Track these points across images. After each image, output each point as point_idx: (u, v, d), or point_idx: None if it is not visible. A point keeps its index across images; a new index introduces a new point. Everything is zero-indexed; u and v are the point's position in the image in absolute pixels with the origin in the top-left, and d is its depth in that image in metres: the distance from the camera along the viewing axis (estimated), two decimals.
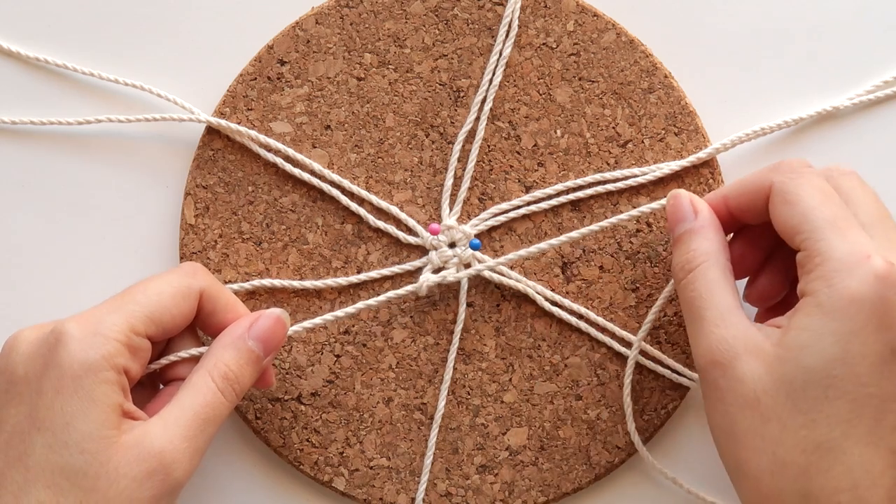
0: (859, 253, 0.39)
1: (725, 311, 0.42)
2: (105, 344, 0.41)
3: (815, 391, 0.39)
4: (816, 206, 0.41)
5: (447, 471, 0.49)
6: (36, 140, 0.52)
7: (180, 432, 0.41)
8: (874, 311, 0.39)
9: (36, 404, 0.40)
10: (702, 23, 0.52)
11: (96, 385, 0.40)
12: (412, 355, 0.50)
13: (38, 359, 0.41)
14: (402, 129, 0.50)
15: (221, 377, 0.43)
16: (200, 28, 0.52)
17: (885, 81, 0.51)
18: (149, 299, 0.42)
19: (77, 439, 0.39)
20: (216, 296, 0.45)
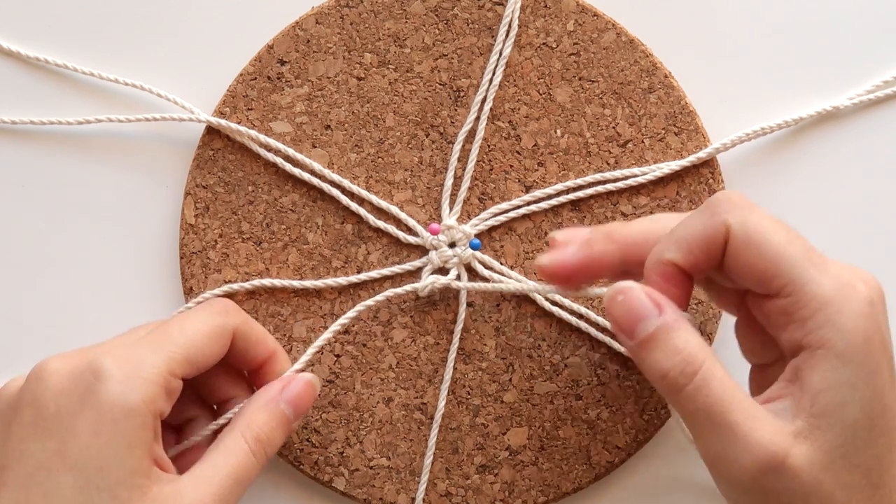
0: (850, 284, 0.37)
1: (753, 408, 0.37)
2: (145, 387, 0.40)
3: (863, 440, 0.36)
4: (789, 244, 0.38)
5: (447, 471, 0.49)
6: (36, 140, 0.52)
7: (212, 492, 0.40)
8: (879, 341, 0.37)
9: (68, 442, 0.39)
10: (702, 23, 0.52)
11: (135, 430, 0.39)
12: (412, 355, 0.50)
13: (72, 395, 0.39)
14: (402, 128, 0.50)
15: (254, 439, 0.43)
16: (200, 28, 0.52)
17: (885, 81, 0.51)
18: (186, 339, 0.42)
19: (110, 484, 0.38)
20: (248, 333, 0.45)
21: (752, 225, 0.38)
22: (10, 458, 0.39)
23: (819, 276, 0.37)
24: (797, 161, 0.51)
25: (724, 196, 0.39)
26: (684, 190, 0.50)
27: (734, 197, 0.39)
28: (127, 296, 0.51)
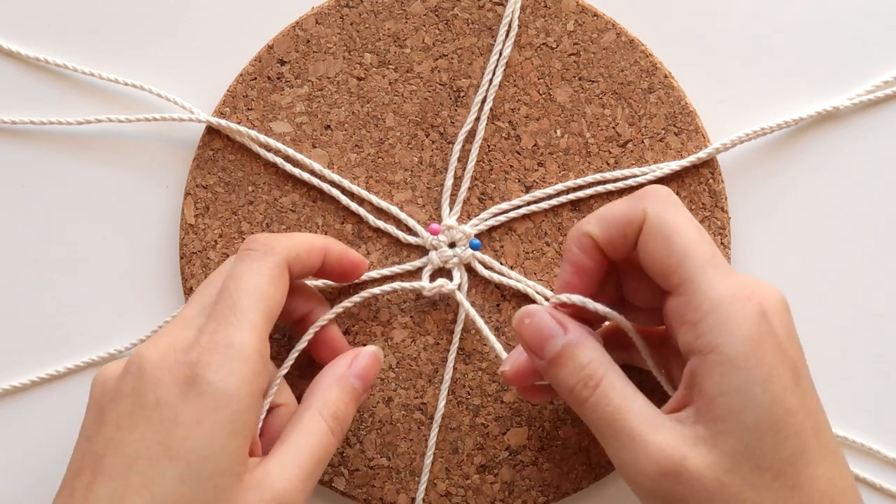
0: (743, 294, 0.38)
1: (651, 416, 0.39)
2: (244, 368, 0.40)
3: (769, 443, 0.37)
4: (695, 245, 0.39)
5: (447, 471, 0.49)
6: (36, 140, 0.52)
7: (298, 474, 0.41)
8: (771, 350, 0.38)
9: (170, 433, 0.39)
10: (702, 23, 0.52)
11: (238, 415, 0.39)
12: (412, 355, 0.50)
13: (172, 386, 0.39)
14: (403, 128, 0.50)
15: (332, 417, 0.43)
16: (200, 28, 0.52)
17: (885, 81, 0.51)
18: (255, 300, 0.41)
19: (211, 474, 0.39)
20: (297, 253, 0.44)
21: (667, 218, 0.39)
22: (107, 447, 0.39)
23: (715, 280, 0.38)
24: (797, 161, 0.51)
25: (654, 188, 0.41)
26: (684, 190, 0.50)
27: (662, 191, 0.40)
28: (127, 296, 0.51)
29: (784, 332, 0.38)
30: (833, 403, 0.51)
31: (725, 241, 0.50)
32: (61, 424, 0.51)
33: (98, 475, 0.39)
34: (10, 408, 0.51)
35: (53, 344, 0.51)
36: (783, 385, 0.37)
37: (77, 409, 0.51)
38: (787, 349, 0.38)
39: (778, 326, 0.38)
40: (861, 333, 0.51)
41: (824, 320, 0.51)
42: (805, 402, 0.38)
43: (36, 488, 0.51)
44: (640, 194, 0.41)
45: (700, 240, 0.39)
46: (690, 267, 0.39)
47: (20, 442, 0.51)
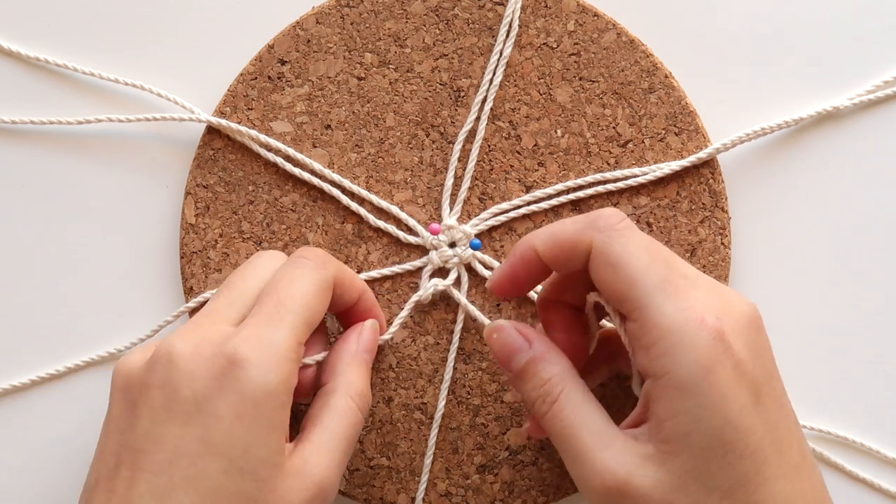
0: (694, 318, 0.38)
1: (605, 433, 0.40)
2: (282, 366, 0.40)
3: (718, 464, 0.38)
4: (645, 270, 0.39)
5: (447, 471, 0.49)
6: (36, 140, 0.52)
7: (335, 458, 0.42)
8: (725, 374, 0.38)
9: (210, 428, 0.39)
10: (702, 23, 0.52)
11: (275, 410, 0.39)
12: (412, 355, 0.50)
13: (209, 380, 0.39)
14: (403, 128, 0.50)
15: (359, 396, 0.44)
16: (200, 28, 0.52)
17: (885, 81, 0.51)
18: (301, 305, 0.42)
19: (253, 466, 0.39)
20: (342, 278, 0.45)
21: (613, 247, 0.39)
22: (146, 442, 0.39)
23: (665, 305, 0.38)
24: (797, 161, 0.51)
25: (604, 214, 0.41)
26: (684, 190, 0.50)
27: (612, 218, 0.40)
28: (127, 296, 0.51)
29: (746, 349, 0.38)
30: (833, 403, 0.51)
31: (725, 241, 0.50)
32: (61, 424, 0.51)
33: (138, 471, 0.39)
34: (11, 407, 0.51)
35: (53, 344, 0.51)
36: (739, 406, 0.38)
37: (77, 409, 0.51)
38: (747, 369, 0.38)
39: (738, 346, 0.38)
40: (861, 333, 0.51)
41: (824, 320, 0.51)
42: (766, 419, 0.38)
43: (36, 488, 0.51)
44: (591, 219, 0.41)
45: (650, 264, 0.39)
46: (639, 294, 0.39)
47: (20, 441, 0.51)
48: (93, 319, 0.51)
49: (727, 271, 0.50)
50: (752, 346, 0.39)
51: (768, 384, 0.39)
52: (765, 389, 0.38)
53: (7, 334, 0.51)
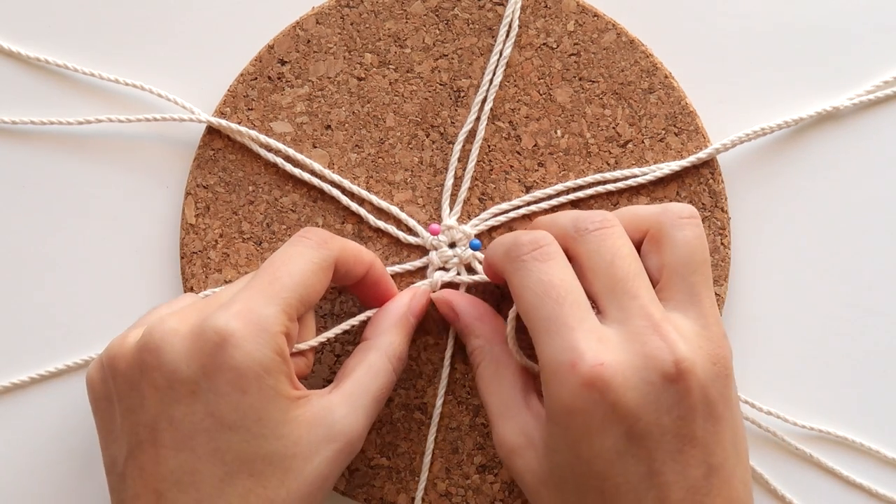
0: (567, 361, 0.39)
1: (504, 407, 0.43)
2: (273, 340, 0.40)
3: (573, 485, 0.40)
4: (534, 307, 0.41)
5: (447, 471, 0.49)
6: (36, 140, 0.52)
7: (363, 413, 0.43)
8: (590, 418, 0.39)
9: (217, 404, 0.40)
10: (702, 23, 0.52)
11: (276, 379, 0.40)
12: (412, 355, 0.50)
13: (203, 358, 0.40)
14: (403, 129, 0.50)
15: (397, 359, 0.45)
16: (200, 28, 0.52)
17: (885, 81, 0.51)
18: (296, 282, 0.42)
19: (272, 429, 0.40)
20: (346, 256, 0.45)
21: (513, 279, 0.42)
22: (159, 421, 0.40)
23: (545, 343, 0.40)
24: (797, 161, 0.51)
25: (523, 240, 0.42)
26: (684, 190, 0.50)
27: (525, 246, 0.42)
28: (127, 296, 0.51)
29: (636, 400, 0.39)
30: (833, 403, 0.51)
31: (725, 241, 0.50)
32: (59, 421, 0.51)
33: (161, 448, 0.40)
34: (10, 406, 0.51)
35: (53, 344, 0.51)
36: (593, 452, 0.39)
37: (76, 407, 0.51)
38: (623, 415, 0.38)
39: (612, 396, 0.38)
40: (861, 333, 0.51)
41: (824, 320, 0.51)
42: (651, 468, 0.39)
43: (35, 485, 0.51)
44: (509, 244, 0.42)
45: (537, 304, 0.41)
46: (531, 329, 0.41)
47: (18, 439, 0.51)
48: (93, 319, 0.51)
49: (727, 271, 0.50)
50: (648, 400, 0.39)
51: (667, 436, 0.39)
52: (654, 440, 0.39)
53: (7, 334, 0.51)
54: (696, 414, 0.39)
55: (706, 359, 0.40)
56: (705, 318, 0.41)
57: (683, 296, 0.41)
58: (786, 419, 0.50)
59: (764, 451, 0.51)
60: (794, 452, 0.51)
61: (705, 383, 0.39)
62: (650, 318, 0.40)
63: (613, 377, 0.38)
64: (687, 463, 0.39)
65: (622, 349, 0.39)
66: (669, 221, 0.42)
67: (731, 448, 0.40)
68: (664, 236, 0.42)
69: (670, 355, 0.39)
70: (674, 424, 0.39)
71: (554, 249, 0.42)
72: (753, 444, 0.51)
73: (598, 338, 0.39)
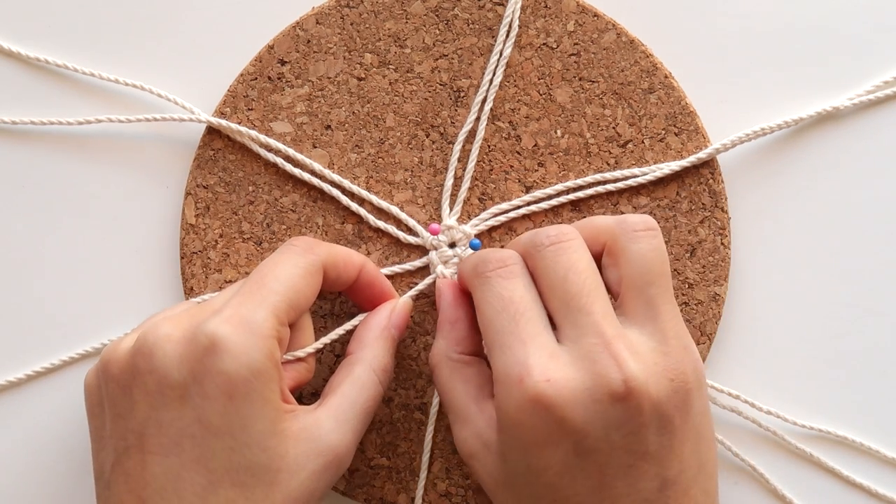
0: (516, 374, 0.39)
1: (460, 411, 0.43)
2: (263, 344, 0.40)
3: (527, 491, 0.40)
4: (490, 320, 0.41)
5: (447, 471, 0.49)
6: (36, 140, 0.52)
7: (351, 427, 0.43)
8: (537, 433, 0.39)
9: (205, 410, 0.40)
10: (702, 23, 0.52)
11: (265, 385, 0.40)
12: (412, 355, 0.50)
13: (194, 363, 0.40)
14: (403, 129, 0.50)
15: (382, 371, 0.45)
16: (200, 28, 0.52)
17: (885, 81, 0.51)
18: (285, 287, 0.42)
19: (257, 439, 0.40)
20: (335, 261, 0.45)
21: (475, 293, 0.43)
22: (148, 426, 0.40)
23: (498, 356, 0.40)
24: (797, 161, 0.51)
25: (489, 257, 0.42)
26: (684, 190, 0.50)
27: (491, 263, 0.42)
28: (127, 296, 0.51)
29: (585, 418, 0.39)
30: (833, 403, 0.51)
31: (725, 241, 0.50)
32: (57, 418, 0.51)
33: (148, 454, 0.40)
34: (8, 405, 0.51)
35: (53, 344, 0.51)
36: (542, 464, 0.39)
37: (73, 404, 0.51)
38: (569, 431, 0.39)
39: (558, 412, 0.39)
40: (861, 333, 0.51)
41: (824, 320, 0.51)
42: (601, 482, 0.39)
43: (34, 483, 0.51)
44: (475, 261, 0.43)
45: (496, 316, 0.41)
46: (487, 342, 0.41)
47: (17, 436, 0.51)
48: (93, 319, 0.51)
49: (727, 271, 0.50)
50: (596, 418, 0.39)
51: (617, 451, 0.39)
52: (603, 455, 0.39)
53: (6, 334, 0.51)
54: (647, 430, 0.39)
55: (661, 375, 0.39)
56: (663, 332, 0.41)
57: (641, 310, 0.41)
58: (786, 419, 0.50)
59: (764, 451, 0.51)
60: (794, 452, 0.51)
61: (658, 399, 0.39)
62: (602, 336, 0.40)
63: (559, 394, 0.39)
64: (639, 477, 0.39)
65: (572, 366, 0.39)
66: (625, 234, 0.42)
67: (692, 459, 0.40)
68: (620, 249, 0.42)
69: (619, 374, 0.39)
70: (624, 440, 0.39)
71: (518, 268, 0.42)
72: (753, 444, 0.51)
73: (550, 354, 0.40)
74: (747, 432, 0.51)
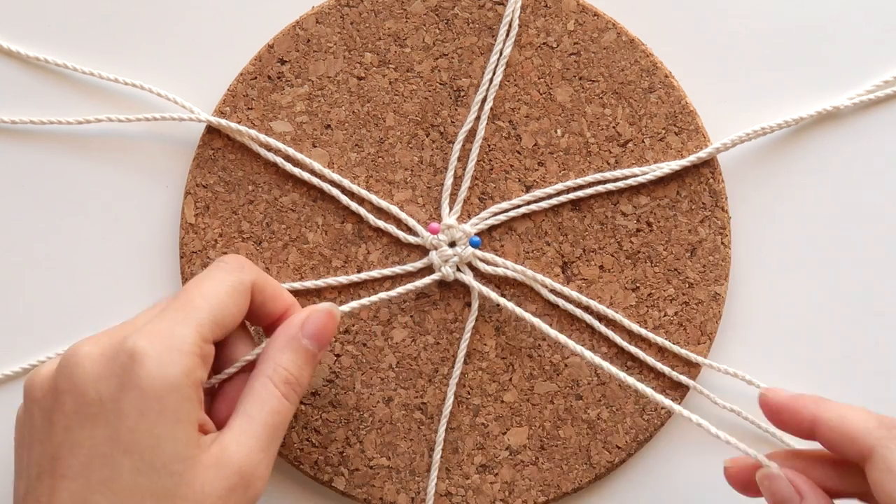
0: None
1: None
2: (182, 360, 0.39)
3: None
4: None
5: (447, 470, 0.49)
6: (36, 140, 0.52)
7: (255, 444, 0.41)
8: None
9: (117, 427, 0.38)
10: (702, 23, 0.52)
11: (180, 403, 0.39)
12: (412, 355, 0.50)
13: (111, 379, 0.39)
14: (403, 128, 0.50)
15: (283, 382, 0.42)
16: (200, 28, 0.52)
17: (885, 81, 0.51)
18: (209, 303, 0.41)
19: (165, 461, 0.38)
20: (264, 286, 0.44)
21: None
22: (62, 449, 0.39)
23: None
24: (797, 161, 0.51)
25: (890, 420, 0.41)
26: (685, 190, 0.50)
27: None
28: (127, 295, 0.51)
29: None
30: None
31: (725, 240, 0.50)
32: None
33: (59, 478, 0.39)
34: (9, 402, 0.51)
35: (53, 344, 0.51)
36: None
37: None
38: None
39: None
40: (861, 333, 0.51)
41: (824, 319, 0.51)
42: None
43: None
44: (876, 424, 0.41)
45: None
46: None
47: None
48: (93, 319, 0.51)
49: (727, 271, 0.50)
50: None
51: None
52: None
53: (7, 334, 0.51)
54: None
55: None
56: None
57: None
58: None
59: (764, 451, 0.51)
60: None
61: None
62: None
63: None
64: None
65: None
66: None
67: None
68: None
69: None
70: None
71: None
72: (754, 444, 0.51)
73: None
74: (747, 432, 0.50)
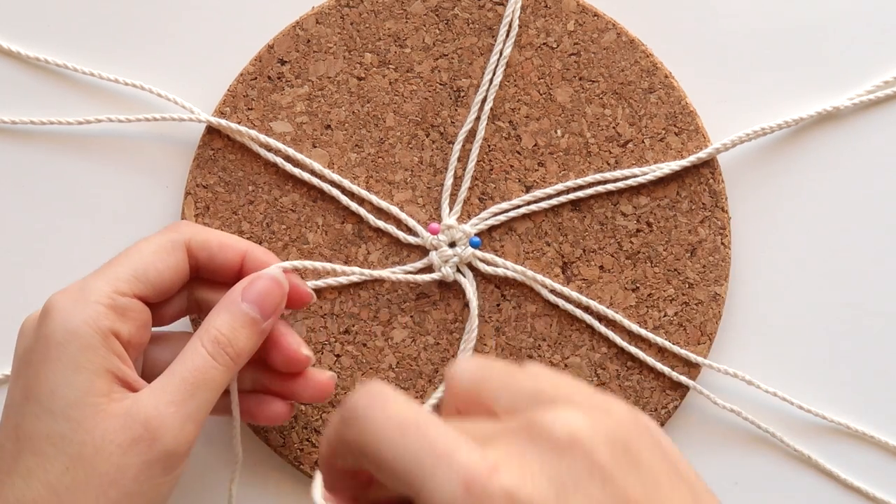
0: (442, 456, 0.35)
1: None
2: (86, 308, 0.40)
3: None
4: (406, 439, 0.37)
5: None
6: (36, 140, 0.52)
7: (166, 398, 0.40)
8: None
9: (27, 376, 0.40)
10: (702, 23, 0.52)
11: (80, 351, 0.40)
12: (412, 355, 0.50)
13: (30, 334, 0.42)
14: (403, 128, 0.50)
15: (211, 341, 0.42)
16: (200, 28, 0.52)
17: (885, 81, 0.51)
18: (130, 259, 0.43)
19: (62, 407, 0.39)
20: (206, 241, 0.44)
21: None
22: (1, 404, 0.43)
23: None
24: (797, 161, 0.51)
25: None
26: (684, 190, 0.50)
27: None
28: None
29: None
30: (833, 403, 0.51)
31: (725, 241, 0.50)
32: None
33: None
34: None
35: None
36: None
37: None
38: None
39: None
40: (861, 333, 0.51)
41: (824, 319, 0.51)
42: None
43: None
44: None
45: None
46: None
47: None
48: None
49: (727, 271, 0.50)
50: None
51: None
52: None
53: (7, 334, 0.51)
54: None
55: None
56: None
57: None
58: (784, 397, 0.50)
59: (764, 451, 0.51)
60: (792, 455, 0.51)
61: None
62: None
63: None
64: None
65: None
66: None
67: None
68: None
69: None
70: None
71: None
72: (753, 444, 0.51)
73: None
74: (747, 432, 0.50)
